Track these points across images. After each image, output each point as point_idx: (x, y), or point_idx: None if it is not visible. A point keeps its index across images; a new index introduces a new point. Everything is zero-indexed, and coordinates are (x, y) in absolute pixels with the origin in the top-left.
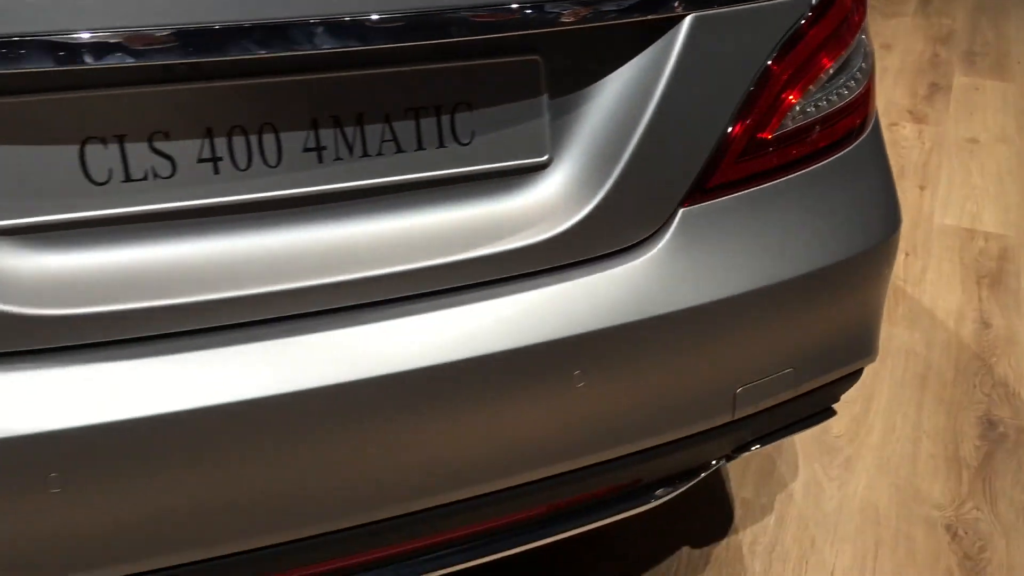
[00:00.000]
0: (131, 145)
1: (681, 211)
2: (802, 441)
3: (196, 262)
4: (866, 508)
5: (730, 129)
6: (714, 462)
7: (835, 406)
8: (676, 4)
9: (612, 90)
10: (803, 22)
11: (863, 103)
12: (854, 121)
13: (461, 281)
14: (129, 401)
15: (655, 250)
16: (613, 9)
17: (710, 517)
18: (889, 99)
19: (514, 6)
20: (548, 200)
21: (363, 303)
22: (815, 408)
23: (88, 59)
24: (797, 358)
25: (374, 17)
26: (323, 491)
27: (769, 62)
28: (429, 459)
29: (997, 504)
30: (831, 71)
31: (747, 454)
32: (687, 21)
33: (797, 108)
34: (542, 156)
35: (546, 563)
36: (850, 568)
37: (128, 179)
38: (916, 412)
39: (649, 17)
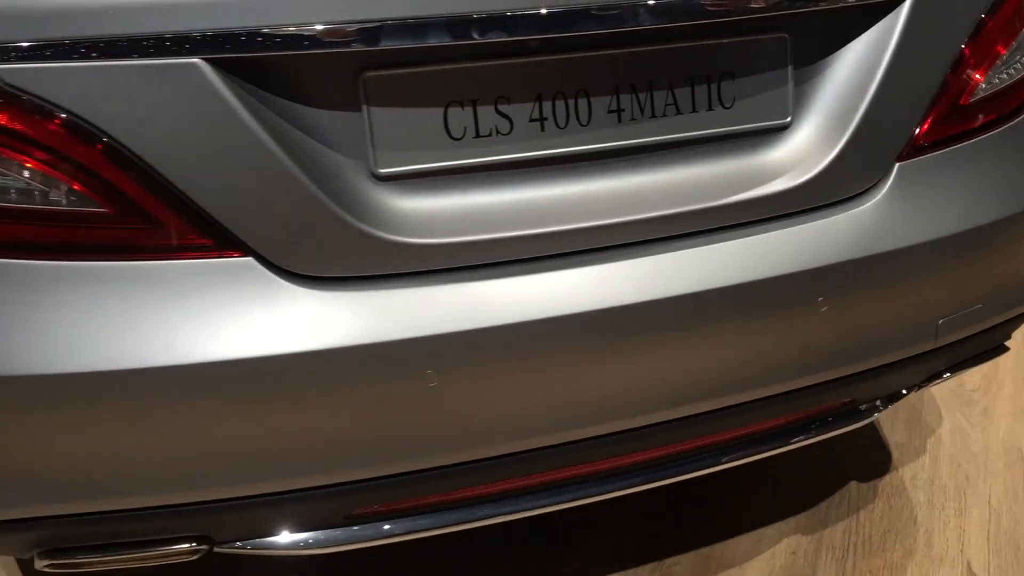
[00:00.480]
0: (481, 108)
1: (897, 165)
2: (941, 394)
3: (529, 202)
4: (1009, 449)
5: (937, 96)
6: (904, 391)
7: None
8: None
9: (845, 62)
10: (984, 15)
11: None
12: None
13: (725, 221)
14: (479, 313)
15: (877, 198)
16: None
17: (870, 457)
18: None
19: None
20: (790, 156)
21: (651, 239)
22: (991, 344)
23: (456, 37)
24: (985, 295)
25: (669, 3)
26: (621, 392)
27: (965, 40)
28: (707, 368)
29: None
30: (1011, 49)
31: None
32: (908, 3)
33: (986, 80)
34: (786, 118)
35: (733, 495)
36: (1003, 496)
37: (477, 135)
38: None
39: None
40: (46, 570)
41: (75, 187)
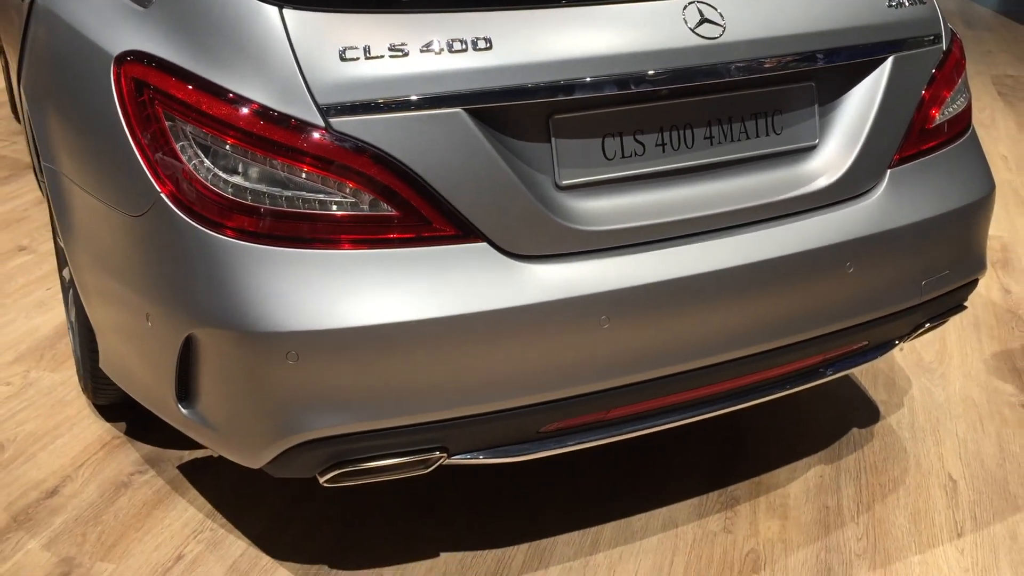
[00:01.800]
0: (625, 137)
1: (889, 171)
2: (907, 366)
3: (658, 200)
4: (965, 400)
5: (910, 123)
6: (897, 341)
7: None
8: (886, 50)
9: (852, 101)
10: (935, 70)
11: (969, 110)
12: (967, 120)
13: (779, 212)
14: (631, 276)
15: (878, 194)
16: (854, 56)
17: (863, 411)
18: None
19: (803, 59)
20: (819, 167)
21: (734, 224)
22: (956, 303)
23: (610, 91)
24: (951, 263)
25: (742, 65)
26: (724, 329)
27: (925, 87)
28: (775, 312)
29: None
30: (955, 90)
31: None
32: (890, 59)
33: (940, 113)
34: (814, 141)
35: (766, 438)
36: (966, 430)
37: (623, 156)
38: (978, 345)
39: (872, 58)
40: (326, 484)
41: (378, 198)
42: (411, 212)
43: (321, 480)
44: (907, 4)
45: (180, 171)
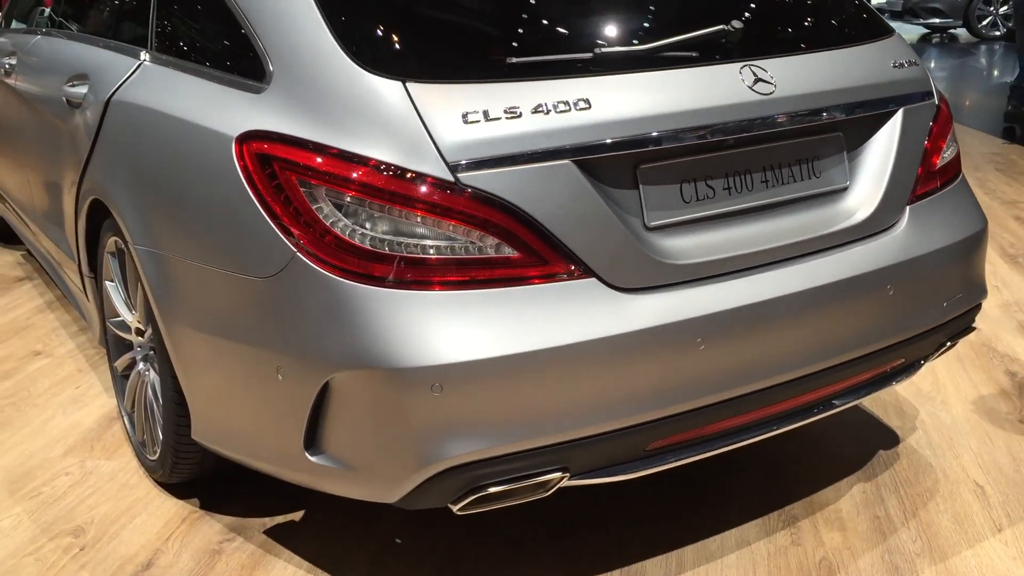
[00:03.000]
0: (699, 183)
1: (908, 207)
2: (909, 396)
3: (729, 237)
4: (969, 420)
5: (921, 166)
6: (922, 361)
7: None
8: (895, 104)
9: (874, 148)
10: (932, 122)
11: (959, 157)
12: (958, 165)
13: (827, 244)
14: (717, 302)
15: (902, 227)
16: (872, 108)
17: (884, 435)
18: None
19: (834, 111)
20: (852, 204)
21: (794, 255)
22: (963, 326)
23: (686, 142)
24: (963, 287)
25: (792, 119)
26: (789, 351)
27: (927, 136)
28: (828, 333)
29: None
30: (948, 139)
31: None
32: (900, 112)
33: (940, 156)
34: (845, 183)
35: (808, 461)
36: (980, 447)
37: (697, 199)
38: (966, 375)
39: (887, 111)
40: (459, 512)
41: (503, 242)
42: (531, 253)
43: (455, 508)
44: (906, 65)
45: (316, 230)
